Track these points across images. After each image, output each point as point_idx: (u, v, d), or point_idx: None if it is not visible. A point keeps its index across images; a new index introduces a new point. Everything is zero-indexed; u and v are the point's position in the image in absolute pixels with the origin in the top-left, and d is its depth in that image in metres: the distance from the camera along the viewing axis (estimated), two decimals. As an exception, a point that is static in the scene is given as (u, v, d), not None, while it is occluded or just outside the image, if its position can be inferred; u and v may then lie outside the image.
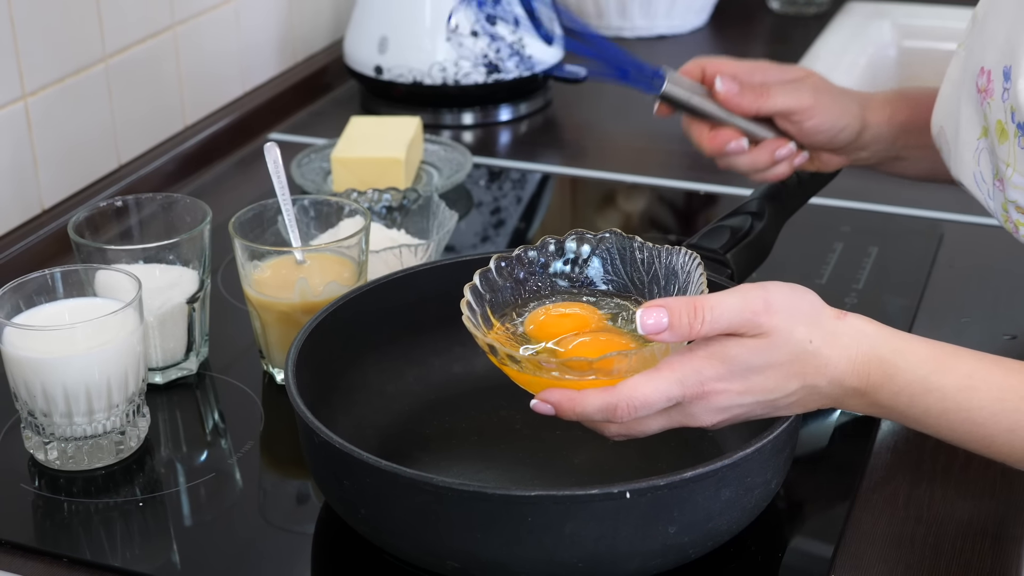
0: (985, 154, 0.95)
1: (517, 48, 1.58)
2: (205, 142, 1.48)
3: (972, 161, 0.97)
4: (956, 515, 0.91)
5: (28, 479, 0.95)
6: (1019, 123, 0.89)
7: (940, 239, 1.27)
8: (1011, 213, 0.93)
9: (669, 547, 0.80)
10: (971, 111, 0.96)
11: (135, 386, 0.96)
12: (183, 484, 0.95)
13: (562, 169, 1.49)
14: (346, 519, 0.85)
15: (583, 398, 0.79)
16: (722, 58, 1.10)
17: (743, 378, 0.80)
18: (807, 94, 1.07)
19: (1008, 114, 0.90)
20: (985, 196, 0.96)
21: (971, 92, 0.96)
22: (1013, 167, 0.90)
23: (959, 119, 0.98)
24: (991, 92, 0.92)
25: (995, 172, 0.93)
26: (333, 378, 0.95)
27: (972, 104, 0.96)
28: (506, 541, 0.78)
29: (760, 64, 1.10)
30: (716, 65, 1.08)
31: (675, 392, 0.79)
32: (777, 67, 1.10)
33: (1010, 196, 0.92)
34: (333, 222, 1.10)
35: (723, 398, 0.80)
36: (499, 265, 0.89)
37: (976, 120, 0.96)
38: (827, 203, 1.31)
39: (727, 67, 1.08)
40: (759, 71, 1.09)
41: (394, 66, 1.57)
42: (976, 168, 0.96)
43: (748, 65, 1.09)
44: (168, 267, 1.04)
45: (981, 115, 0.95)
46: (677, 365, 0.80)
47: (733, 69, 1.08)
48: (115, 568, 0.87)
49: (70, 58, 1.30)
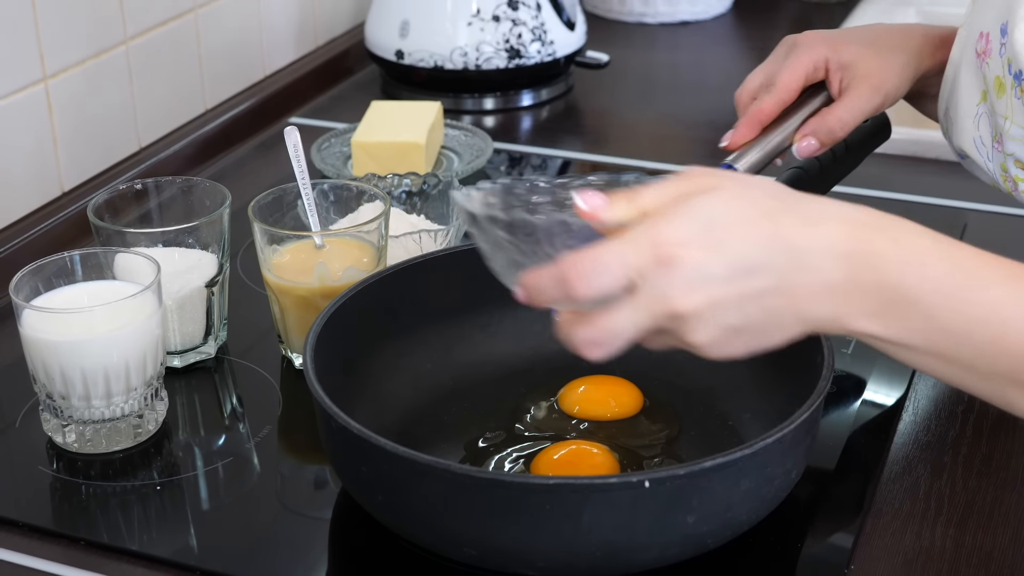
0: (984, 118, 0.93)
1: (539, 33, 1.57)
2: (226, 125, 1.48)
3: (972, 127, 0.96)
4: (977, 507, 0.90)
5: (46, 462, 0.95)
6: (1016, 73, 0.87)
7: (963, 229, 1.26)
8: (1010, 170, 0.91)
9: (688, 536, 0.79)
10: (971, 78, 0.95)
11: (153, 369, 0.96)
12: (201, 468, 0.95)
13: (583, 155, 1.48)
14: (363, 505, 0.85)
15: (537, 274, 0.71)
16: (759, 89, 1.05)
17: (707, 234, 0.68)
18: (865, 95, 1.02)
19: (1005, 67, 0.89)
20: (985, 160, 0.95)
21: (971, 60, 0.94)
22: (1011, 119, 0.89)
23: (959, 90, 0.97)
24: (989, 52, 0.91)
25: (994, 134, 0.92)
26: (351, 363, 0.94)
27: (972, 71, 0.95)
28: (524, 529, 0.77)
29: (793, 72, 1.04)
30: (763, 111, 1.03)
31: (627, 253, 0.68)
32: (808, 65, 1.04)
33: (1008, 149, 0.90)
34: (353, 207, 1.10)
35: (691, 267, 0.68)
36: None
37: (976, 86, 0.95)
38: (849, 191, 1.30)
39: (770, 107, 1.03)
40: (792, 79, 1.03)
41: (415, 50, 1.57)
42: (976, 133, 0.95)
43: (788, 84, 1.03)
44: (187, 251, 1.04)
45: (980, 79, 0.94)
46: (629, 230, 0.70)
47: (779, 102, 1.03)
48: (132, 552, 0.87)
49: (91, 40, 1.30)
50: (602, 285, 0.69)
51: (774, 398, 0.92)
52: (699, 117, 1.56)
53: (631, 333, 0.70)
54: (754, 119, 1.03)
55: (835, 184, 1.14)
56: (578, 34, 1.62)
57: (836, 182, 1.14)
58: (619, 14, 1.89)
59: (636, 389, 0.97)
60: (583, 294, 0.69)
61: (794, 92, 1.04)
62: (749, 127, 1.03)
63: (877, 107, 1.04)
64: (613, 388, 0.98)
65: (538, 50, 1.57)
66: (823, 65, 1.04)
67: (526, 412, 0.97)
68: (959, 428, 0.98)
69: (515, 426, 0.95)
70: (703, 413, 0.96)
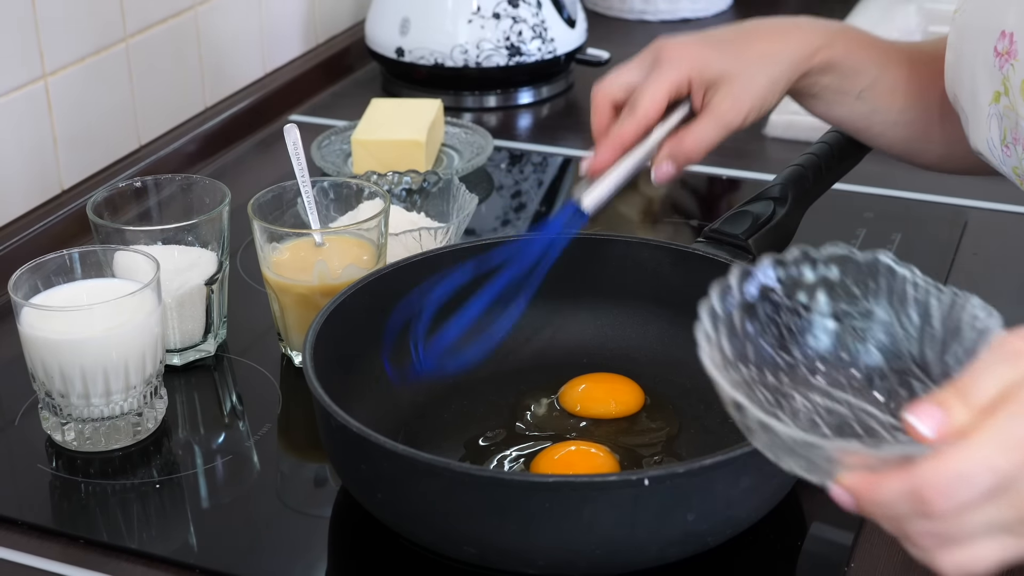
0: (995, 119, 0.93)
1: (539, 30, 1.57)
2: (226, 123, 1.48)
3: (985, 127, 0.95)
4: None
5: (46, 460, 0.95)
6: None
7: (964, 226, 1.26)
8: None
9: (688, 534, 0.79)
10: (984, 76, 0.94)
11: (152, 367, 0.95)
12: (200, 466, 0.95)
13: (584, 153, 1.47)
14: (363, 503, 0.85)
15: (879, 483, 0.62)
16: (620, 99, 1.00)
17: None
18: (727, 115, 0.97)
19: None
20: (998, 162, 0.95)
21: (986, 58, 0.93)
22: None
23: (967, 84, 0.96)
24: (1015, 54, 0.90)
25: (1003, 136, 0.91)
26: (351, 361, 0.94)
27: (986, 69, 0.93)
28: (523, 527, 0.77)
29: (656, 96, 0.97)
30: (624, 135, 0.97)
31: (994, 457, 0.60)
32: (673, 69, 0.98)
33: None
34: (353, 204, 1.10)
35: None
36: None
37: (990, 85, 0.94)
38: (850, 189, 1.30)
39: (631, 132, 0.97)
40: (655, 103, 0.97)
41: (416, 48, 1.56)
42: (988, 134, 0.95)
43: (649, 110, 0.97)
44: (187, 248, 1.04)
45: (996, 79, 0.93)
46: (984, 426, 0.60)
47: (641, 128, 0.97)
48: (132, 550, 0.87)
49: (91, 38, 1.30)
50: (966, 498, 0.60)
51: (775, 396, 0.92)
52: (700, 114, 1.55)
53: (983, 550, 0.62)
54: (616, 143, 0.97)
55: (835, 181, 1.14)
56: (579, 32, 1.62)
57: (836, 179, 1.14)
58: (620, 11, 1.89)
59: (637, 387, 0.97)
60: (943, 509, 0.60)
61: (656, 116, 0.98)
62: (611, 152, 0.97)
63: (740, 125, 0.99)
64: (614, 386, 0.98)
65: (539, 47, 1.57)
66: (687, 84, 0.98)
67: (527, 410, 0.96)
68: (960, 426, 0.98)
69: (516, 424, 0.95)
70: (703, 411, 0.95)
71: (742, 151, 1.44)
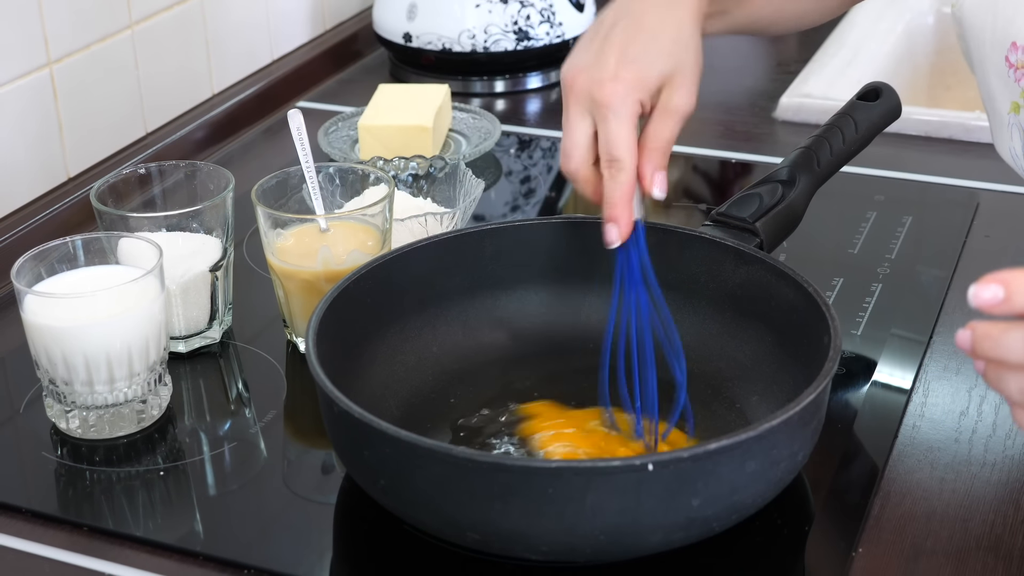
0: (1016, 129, 0.93)
1: (547, 14, 1.56)
2: (233, 110, 1.48)
3: (1007, 136, 0.95)
4: (987, 493, 0.89)
5: (50, 448, 0.95)
6: None
7: (976, 208, 1.25)
8: None
9: (692, 520, 0.78)
10: (1000, 85, 0.94)
11: (156, 355, 0.95)
12: (206, 453, 0.95)
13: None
14: (366, 489, 0.85)
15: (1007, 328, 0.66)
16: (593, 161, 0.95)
17: None
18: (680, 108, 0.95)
19: None
20: (1022, 171, 0.95)
21: (998, 66, 0.93)
22: None
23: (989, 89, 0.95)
24: None
25: None
26: (355, 347, 0.94)
27: (1001, 79, 0.93)
28: (526, 513, 0.77)
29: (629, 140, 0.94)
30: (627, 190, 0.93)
31: None
32: None
33: None
34: (358, 190, 1.09)
35: None
36: None
37: (1006, 95, 0.94)
38: (860, 172, 1.29)
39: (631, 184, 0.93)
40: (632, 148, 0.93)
41: (423, 33, 1.56)
42: (1010, 143, 0.94)
43: (633, 155, 0.93)
44: (191, 235, 1.03)
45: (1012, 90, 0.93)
46: None
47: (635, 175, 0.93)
48: (137, 538, 0.87)
49: (96, 25, 1.30)
50: None
51: (782, 380, 0.91)
52: (710, 98, 1.53)
53: None
54: (625, 202, 0.93)
55: (845, 163, 1.13)
56: (587, 15, 1.61)
57: (845, 162, 1.13)
58: None
59: None
60: None
61: (637, 155, 0.94)
62: (625, 211, 0.93)
63: (694, 106, 0.96)
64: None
65: (547, 32, 1.56)
66: (641, 108, 0.94)
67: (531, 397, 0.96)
68: (970, 410, 0.97)
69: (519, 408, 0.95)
70: (710, 396, 0.95)
71: (752, 135, 1.44)
